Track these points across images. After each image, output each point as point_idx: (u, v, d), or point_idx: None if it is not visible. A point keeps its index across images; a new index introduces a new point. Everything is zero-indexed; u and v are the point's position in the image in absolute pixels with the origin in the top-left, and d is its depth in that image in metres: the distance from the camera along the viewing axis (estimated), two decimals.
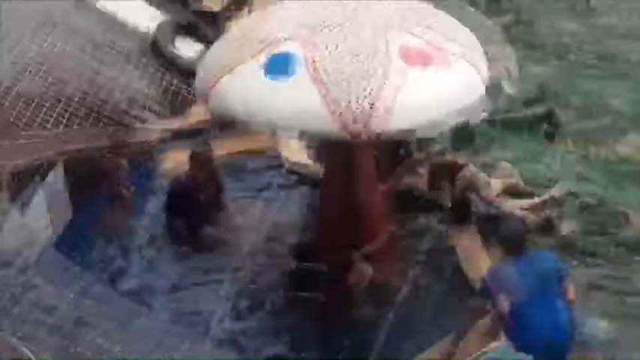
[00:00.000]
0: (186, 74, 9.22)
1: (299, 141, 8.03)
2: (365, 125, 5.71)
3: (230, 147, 8.37)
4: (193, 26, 10.28)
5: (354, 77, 5.77)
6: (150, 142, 8.30)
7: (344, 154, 6.49)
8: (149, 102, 9.10)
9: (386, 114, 5.71)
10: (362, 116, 5.69)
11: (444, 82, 5.99)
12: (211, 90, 6.22)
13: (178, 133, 8.62)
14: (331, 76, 5.77)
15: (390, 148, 7.39)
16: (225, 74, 6.13)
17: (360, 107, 5.69)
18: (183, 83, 9.36)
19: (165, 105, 9.15)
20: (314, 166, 7.82)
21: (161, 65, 9.48)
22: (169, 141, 8.45)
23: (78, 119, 8.12)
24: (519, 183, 7.40)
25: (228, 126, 7.99)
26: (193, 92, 8.35)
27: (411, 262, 6.64)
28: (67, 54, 8.84)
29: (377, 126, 5.73)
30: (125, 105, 8.80)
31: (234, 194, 7.78)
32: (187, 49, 9.91)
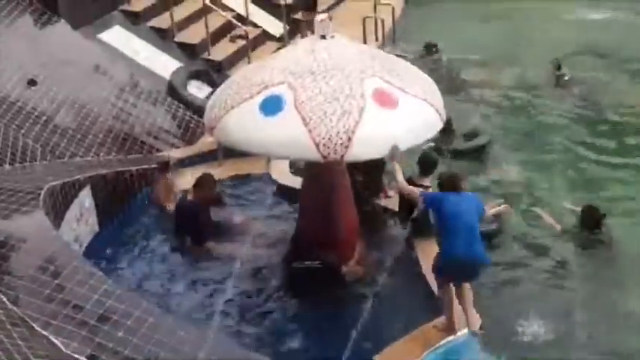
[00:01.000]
0: (196, 111, 9.21)
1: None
2: (342, 155, 5.68)
3: (231, 170, 8.31)
4: (203, 72, 10.27)
5: (335, 115, 5.73)
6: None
7: (319, 170, 6.43)
8: (166, 134, 9.06)
9: (359, 146, 5.68)
10: (340, 148, 5.67)
11: (409, 121, 5.94)
12: (217, 124, 6.16)
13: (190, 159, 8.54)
14: (315, 115, 5.72)
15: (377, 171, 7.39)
16: (228, 111, 6.06)
17: (339, 141, 5.66)
18: (194, 118, 9.35)
19: (178, 136, 9.12)
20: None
21: (176, 103, 9.47)
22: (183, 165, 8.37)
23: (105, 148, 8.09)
24: None
25: (230, 153, 7.99)
26: (202, 125, 8.33)
27: (379, 267, 6.59)
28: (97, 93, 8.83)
29: (351, 155, 5.72)
30: (145, 136, 8.77)
31: (233, 211, 7.70)
32: (198, 91, 9.91)
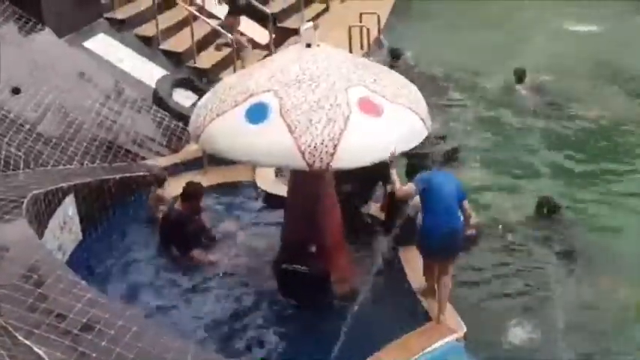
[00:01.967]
0: (182, 119, 9.19)
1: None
2: (328, 163, 5.68)
3: (216, 178, 8.30)
4: (188, 80, 10.26)
5: (320, 123, 5.73)
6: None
7: (304, 179, 6.44)
8: (151, 142, 9.02)
9: (344, 155, 5.68)
10: (326, 156, 5.66)
11: (394, 129, 5.96)
12: (202, 132, 6.13)
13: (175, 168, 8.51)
14: (300, 123, 5.71)
15: (370, 180, 7.42)
16: (213, 119, 6.04)
17: (325, 149, 5.66)
18: (179, 126, 9.31)
19: (164, 144, 9.09)
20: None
21: (161, 111, 9.44)
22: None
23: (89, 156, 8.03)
24: None
25: (215, 161, 7.97)
26: (188, 134, 8.30)
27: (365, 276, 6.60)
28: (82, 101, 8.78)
29: (337, 163, 5.71)
30: (130, 144, 8.73)
31: (219, 218, 7.68)
32: (183, 99, 9.89)
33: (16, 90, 8.31)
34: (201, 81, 10.20)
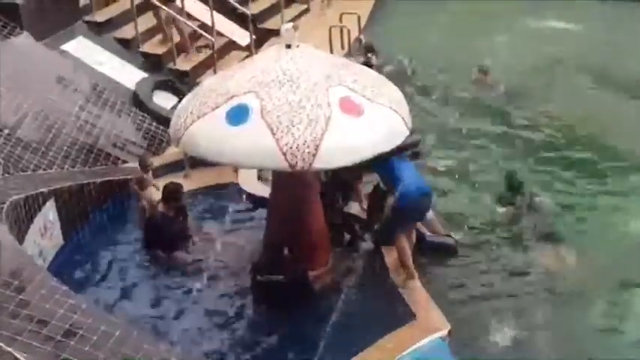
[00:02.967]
0: (162, 122, 9.14)
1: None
2: (310, 164, 5.66)
3: (198, 181, 8.26)
4: (169, 83, 10.21)
5: (302, 124, 5.72)
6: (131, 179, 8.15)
7: (287, 180, 6.43)
8: (131, 145, 8.97)
9: (326, 155, 5.67)
10: (308, 156, 5.65)
11: (375, 129, 5.96)
12: (183, 134, 6.10)
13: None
14: (282, 124, 5.71)
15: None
16: (194, 121, 6.01)
17: (307, 149, 5.65)
18: (159, 129, 9.27)
19: (144, 147, 9.04)
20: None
21: (141, 114, 9.39)
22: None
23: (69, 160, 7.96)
24: None
25: (196, 163, 7.94)
26: (168, 136, 8.26)
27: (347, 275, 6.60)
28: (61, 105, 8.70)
29: (319, 164, 5.70)
30: (111, 148, 8.67)
31: (200, 220, 7.65)
32: (164, 101, 9.84)
33: None
34: (181, 83, 10.16)
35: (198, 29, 10.78)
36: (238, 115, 5.83)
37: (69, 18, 10.13)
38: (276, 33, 10.14)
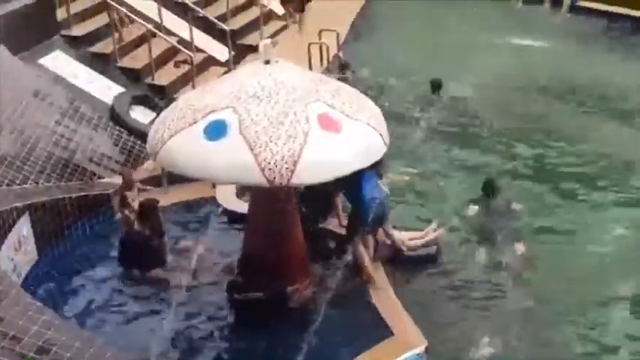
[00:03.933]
0: (140, 136, 9.11)
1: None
2: (288, 179, 5.67)
3: (176, 196, 8.23)
4: (146, 97, 10.19)
5: (280, 140, 5.74)
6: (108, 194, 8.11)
7: (265, 195, 6.44)
8: (108, 160, 8.92)
9: (304, 171, 5.69)
10: (286, 172, 5.66)
11: (353, 145, 5.98)
12: (161, 149, 6.08)
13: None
14: (260, 139, 5.72)
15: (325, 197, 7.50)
16: (172, 136, 5.99)
17: (285, 165, 5.67)
18: (137, 144, 9.23)
19: (121, 162, 8.99)
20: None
21: (118, 129, 9.35)
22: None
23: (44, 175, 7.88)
24: None
25: (174, 178, 7.91)
26: (146, 151, 8.23)
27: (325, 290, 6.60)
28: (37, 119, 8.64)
29: (297, 179, 5.71)
30: (87, 162, 8.61)
31: (176, 237, 7.61)
32: (141, 116, 9.81)
33: None
34: (159, 98, 10.15)
35: (177, 44, 10.79)
36: (216, 131, 5.83)
37: (46, 32, 10.08)
38: (254, 49, 10.15)
